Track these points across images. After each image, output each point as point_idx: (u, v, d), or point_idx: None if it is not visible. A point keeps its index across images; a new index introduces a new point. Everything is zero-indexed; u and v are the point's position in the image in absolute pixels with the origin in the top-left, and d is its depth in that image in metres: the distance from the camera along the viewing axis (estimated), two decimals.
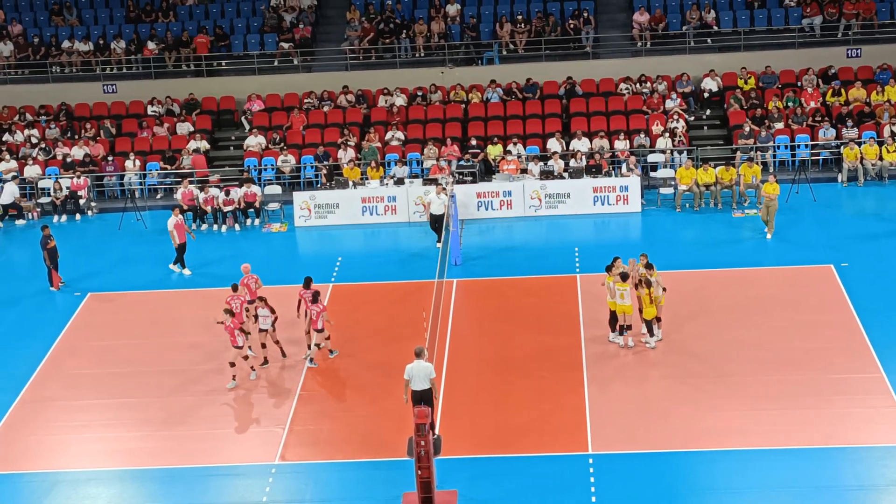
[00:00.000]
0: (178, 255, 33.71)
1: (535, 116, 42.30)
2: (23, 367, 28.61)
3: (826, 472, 22.72)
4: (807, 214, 36.03)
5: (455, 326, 29.70)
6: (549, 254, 33.85)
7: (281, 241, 36.78)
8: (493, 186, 37.51)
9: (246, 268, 29.93)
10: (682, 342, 28.07)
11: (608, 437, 24.32)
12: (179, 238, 33.46)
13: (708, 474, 22.96)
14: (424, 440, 21.18)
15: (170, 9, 47.07)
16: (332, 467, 24.04)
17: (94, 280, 33.81)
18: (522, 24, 44.77)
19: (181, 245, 33.53)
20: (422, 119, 42.61)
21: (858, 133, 39.61)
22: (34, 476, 24.32)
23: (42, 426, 26.09)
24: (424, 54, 44.95)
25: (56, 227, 37.48)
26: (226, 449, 24.87)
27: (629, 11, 45.67)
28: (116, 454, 24.98)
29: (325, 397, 26.73)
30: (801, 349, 27.40)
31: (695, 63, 43.50)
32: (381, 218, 37.34)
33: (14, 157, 41.58)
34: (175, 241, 33.42)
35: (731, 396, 25.57)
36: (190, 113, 43.78)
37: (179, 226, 33.49)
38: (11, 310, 32.28)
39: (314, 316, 27.76)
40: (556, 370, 27.19)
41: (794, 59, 43.27)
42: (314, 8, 46.82)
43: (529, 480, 23.02)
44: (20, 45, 45.98)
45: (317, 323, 27.76)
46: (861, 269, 31.48)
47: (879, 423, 24.26)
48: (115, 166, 41.03)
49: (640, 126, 41.10)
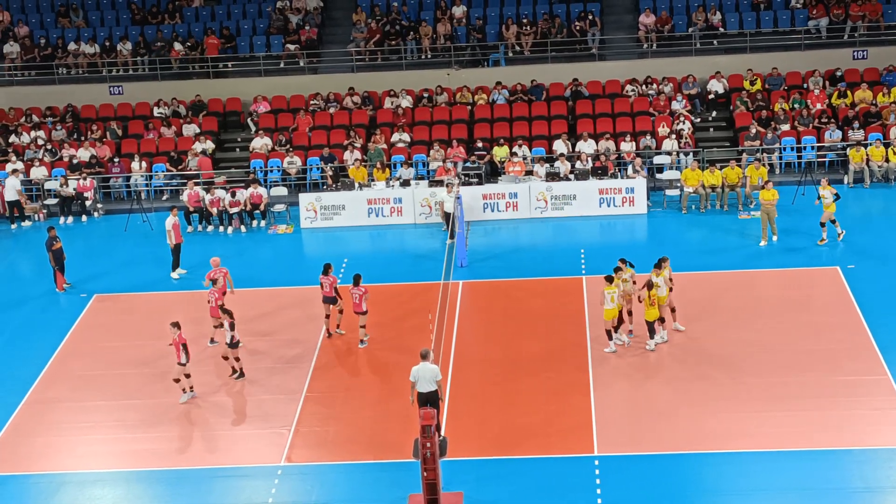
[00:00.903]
0: (174, 256, 33.66)
1: (541, 118, 42.30)
2: (29, 369, 28.64)
3: (832, 474, 22.70)
4: (813, 216, 35.95)
5: (461, 328, 29.70)
6: (555, 255, 33.85)
7: (287, 242, 36.80)
8: (499, 188, 37.52)
9: (215, 261, 30.27)
10: (688, 344, 28.05)
11: (614, 438, 24.31)
12: (176, 238, 33.45)
13: (714, 476, 22.93)
14: (430, 442, 21.17)
15: (176, 10, 47.12)
16: (338, 469, 24.05)
17: (99, 281, 33.84)
18: (528, 26, 44.77)
19: (176, 245, 33.52)
20: (428, 121, 42.62)
21: (865, 135, 39.58)
22: (41, 477, 24.34)
23: (48, 427, 26.12)
24: (430, 56, 44.96)
25: (62, 229, 37.52)
26: (232, 450, 24.89)
27: (635, 13, 45.66)
28: (122, 455, 25.00)
29: (331, 399, 26.73)
30: (808, 351, 27.38)
31: (701, 65, 43.48)
32: (386, 219, 37.35)
33: (20, 158, 41.63)
34: (171, 241, 33.41)
35: (737, 398, 25.55)
36: (196, 114, 43.82)
37: (177, 226, 33.47)
38: (17, 311, 32.32)
39: (357, 299, 28.43)
40: (561, 372, 27.19)
41: (800, 61, 43.24)
42: (320, 10, 46.84)
43: (535, 482, 23.01)
44: (27, 47, 46.04)
45: (360, 306, 28.46)
46: (867, 271, 31.45)
47: (885, 425, 24.23)
48: (121, 168, 41.07)
49: (646, 128, 41.08)
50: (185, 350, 26.46)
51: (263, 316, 31.01)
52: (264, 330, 30.17)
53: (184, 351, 26.44)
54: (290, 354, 28.77)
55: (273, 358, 28.64)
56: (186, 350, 26.53)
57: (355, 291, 28.50)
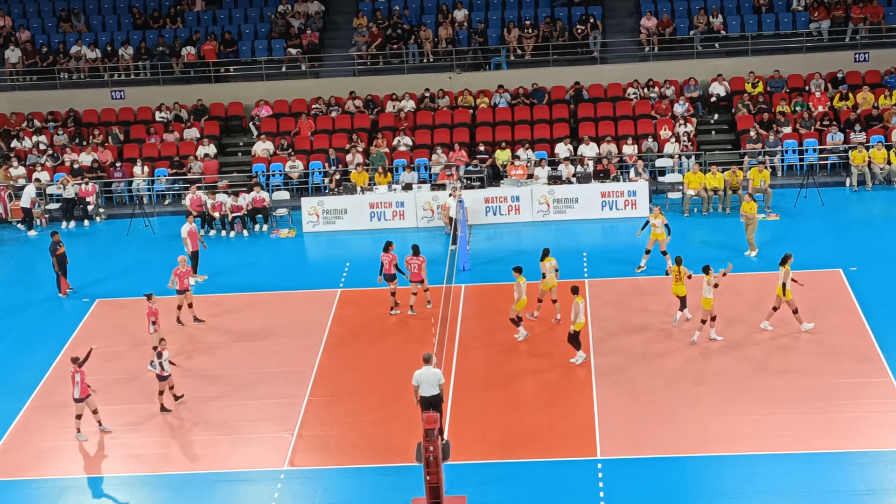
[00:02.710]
0: (192, 262, 33.65)
1: (543, 121, 42.31)
2: (31, 374, 28.67)
3: (835, 477, 22.69)
4: (815, 219, 35.99)
5: (463, 332, 29.69)
6: (558, 258, 33.72)
7: (289, 246, 36.81)
8: (501, 191, 37.52)
9: (183, 259, 30.66)
10: (690, 347, 28.04)
11: (617, 441, 24.31)
12: (192, 246, 33.41)
13: (717, 479, 22.93)
14: (433, 445, 21.18)
15: (178, 15, 47.14)
16: (340, 473, 24.05)
17: (102, 286, 33.86)
18: (530, 30, 44.77)
19: (194, 252, 33.49)
20: (430, 124, 42.63)
21: (867, 137, 39.57)
22: (43, 482, 24.35)
23: (51, 432, 26.13)
24: (432, 60, 44.97)
25: (64, 234, 37.55)
26: (234, 455, 24.88)
27: (637, 16, 45.67)
28: (125, 460, 25.01)
29: (334, 402, 26.73)
30: (810, 353, 27.38)
31: (703, 68, 43.48)
32: (389, 223, 37.35)
33: (22, 163, 41.66)
34: (188, 248, 33.42)
35: (740, 401, 25.55)
36: (198, 119, 43.84)
37: (193, 233, 33.44)
38: (20, 316, 32.34)
39: (415, 269, 30.06)
40: (564, 375, 27.19)
41: (801, 64, 43.23)
42: (322, 14, 46.86)
43: (538, 485, 23.01)
44: (28, 52, 46.08)
45: (419, 274, 30.06)
46: (870, 273, 31.45)
47: (888, 428, 24.23)
48: (123, 172, 41.09)
49: (648, 131, 41.08)
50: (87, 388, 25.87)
51: (266, 319, 31.02)
52: (266, 333, 30.18)
53: (80, 384, 25.56)
54: (292, 358, 28.77)
55: (275, 362, 28.65)
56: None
57: (415, 261, 30.14)
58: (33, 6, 48.24)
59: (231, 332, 30.40)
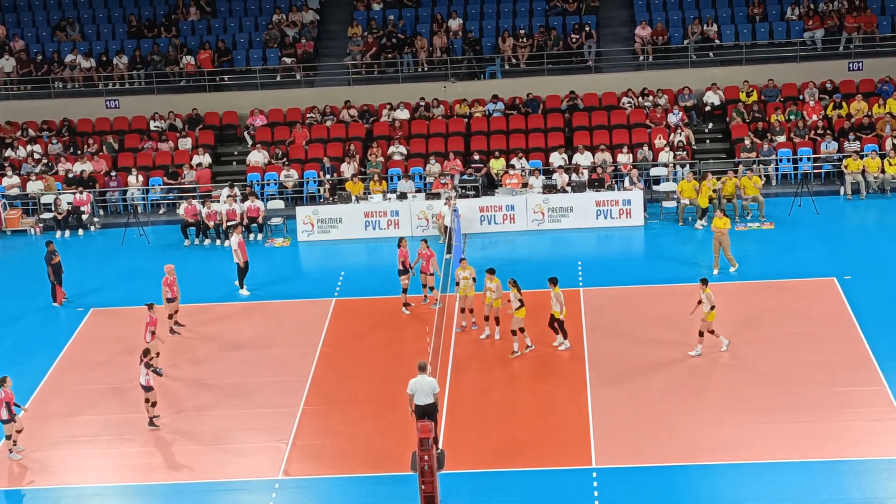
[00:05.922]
0: (239, 274, 33.22)
1: (538, 130, 42.34)
2: (26, 383, 28.55)
3: (830, 485, 22.69)
4: (809, 227, 36.03)
5: (458, 341, 29.68)
6: (553, 268, 33.77)
7: (284, 255, 36.79)
8: (495, 200, 37.54)
9: (169, 268, 30.54)
10: (684, 356, 28.04)
11: (612, 450, 24.30)
12: (243, 255, 33.01)
13: (712, 488, 22.93)
14: (428, 455, 21.18)
15: (172, 24, 47.16)
16: (335, 482, 24.03)
17: (97, 295, 33.83)
18: (524, 39, 44.82)
19: (245, 263, 33.03)
20: (424, 133, 42.65)
21: (860, 146, 39.62)
22: (37, 492, 24.31)
23: (45, 442, 26.07)
24: (427, 69, 45.01)
25: (59, 243, 37.47)
26: (229, 464, 24.85)
27: (631, 25, 45.74)
28: (120, 470, 24.97)
29: (329, 412, 26.71)
30: (805, 362, 27.39)
31: (697, 77, 43.55)
32: (384, 232, 37.34)
33: (16, 172, 41.63)
34: (238, 259, 32.85)
35: (735, 409, 25.55)
36: (193, 128, 43.84)
37: (242, 244, 32.90)
38: (15, 325, 32.30)
39: (426, 260, 30.93)
40: (559, 384, 27.20)
41: (795, 73, 43.31)
42: (316, 23, 46.89)
43: (533, 495, 23.00)
44: (22, 61, 46.08)
45: (428, 267, 31.01)
46: (864, 282, 31.47)
47: (883, 436, 24.25)
48: (117, 181, 41.08)
49: (643, 140, 41.13)
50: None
51: (261, 329, 31.02)
52: (261, 343, 30.17)
53: (6, 409, 25.26)
54: (287, 367, 28.75)
55: (270, 371, 28.63)
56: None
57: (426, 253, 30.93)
58: (28, 15, 48.24)
59: (226, 341, 30.38)
